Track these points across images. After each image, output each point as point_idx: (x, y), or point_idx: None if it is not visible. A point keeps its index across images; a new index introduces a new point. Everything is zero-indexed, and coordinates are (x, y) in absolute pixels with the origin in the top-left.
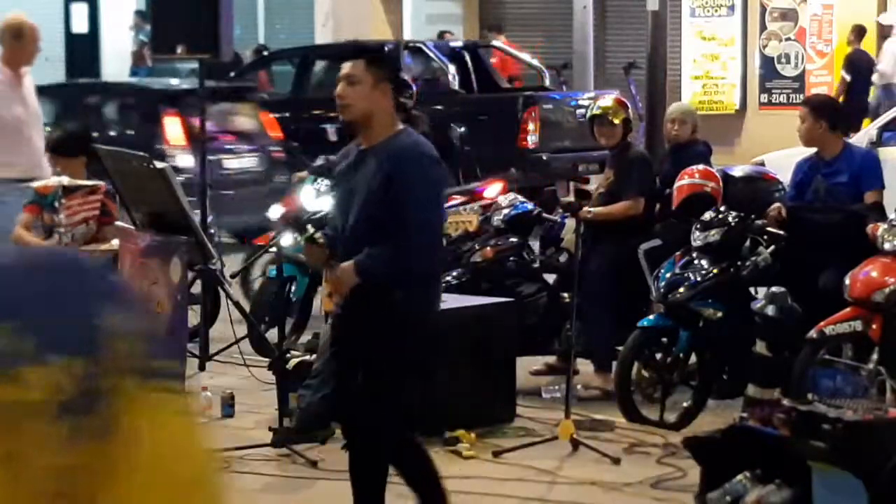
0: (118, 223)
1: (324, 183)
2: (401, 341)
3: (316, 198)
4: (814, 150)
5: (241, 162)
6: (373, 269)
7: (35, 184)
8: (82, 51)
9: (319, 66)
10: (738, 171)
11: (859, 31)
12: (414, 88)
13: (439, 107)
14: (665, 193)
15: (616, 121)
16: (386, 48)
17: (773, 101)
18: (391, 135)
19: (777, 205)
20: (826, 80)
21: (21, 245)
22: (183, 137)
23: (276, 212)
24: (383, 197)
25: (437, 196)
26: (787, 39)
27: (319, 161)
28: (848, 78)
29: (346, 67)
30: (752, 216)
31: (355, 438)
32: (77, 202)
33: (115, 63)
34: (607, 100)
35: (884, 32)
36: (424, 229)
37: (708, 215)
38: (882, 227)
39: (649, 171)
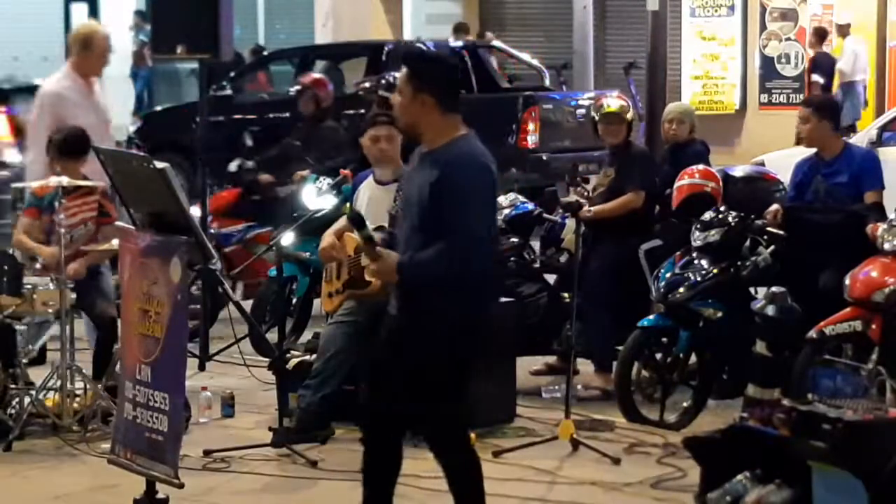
0: (118, 223)
1: (325, 182)
2: (448, 344)
3: (317, 196)
4: (814, 150)
5: None
6: (413, 271)
7: (33, 184)
8: None
9: (319, 66)
10: (738, 171)
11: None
12: None
13: None
14: (665, 193)
15: (627, 120)
16: (386, 48)
17: (773, 101)
18: (447, 141)
19: (775, 207)
20: None
21: (23, 250)
22: (9, 133)
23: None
24: (432, 203)
25: (482, 203)
26: (787, 39)
27: (233, 166)
28: (822, 80)
29: None
30: (752, 216)
31: (373, 437)
32: (76, 203)
33: (115, 63)
34: (616, 100)
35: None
36: (465, 236)
37: (708, 215)
38: (882, 227)
39: (652, 167)
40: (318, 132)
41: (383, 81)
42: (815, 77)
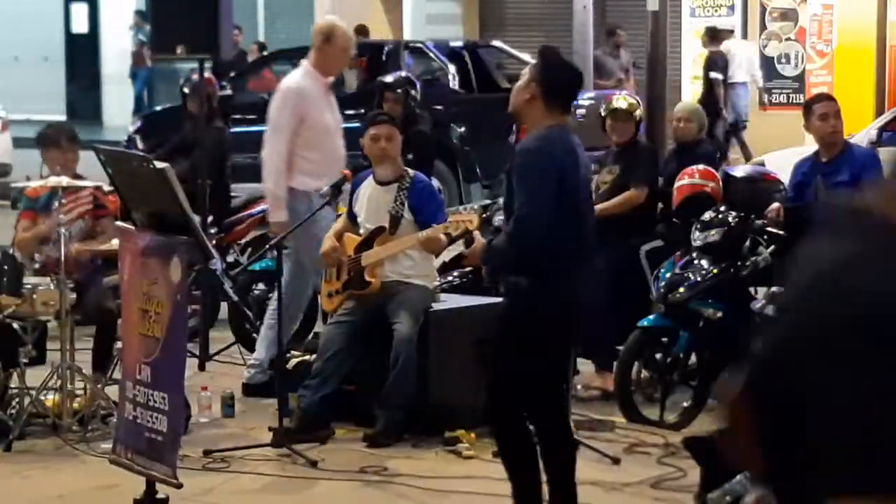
0: (118, 223)
1: None
2: (520, 329)
3: None
4: (814, 149)
5: None
6: (492, 253)
7: (33, 184)
8: (82, 51)
9: None
10: (738, 171)
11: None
12: (419, 87)
13: (439, 107)
14: (669, 193)
15: (635, 117)
16: (386, 48)
17: (773, 101)
18: (534, 132)
19: (776, 205)
20: (826, 80)
21: (25, 244)
22: None
23: None
24: (507, 192)
25: (531, 185)
26: (787, 39)
27: None
28: (720, 77)
29: None
30: (752, 216)
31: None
32: (70, 199)
33: (115, 63)
34: (627, 97)
35: (717, 37)
36: (525, 222)
37: (708, 215)
38: None
39: (656, 163)
40: (208, 132)
41: (402, 76)
42: (714, 74)
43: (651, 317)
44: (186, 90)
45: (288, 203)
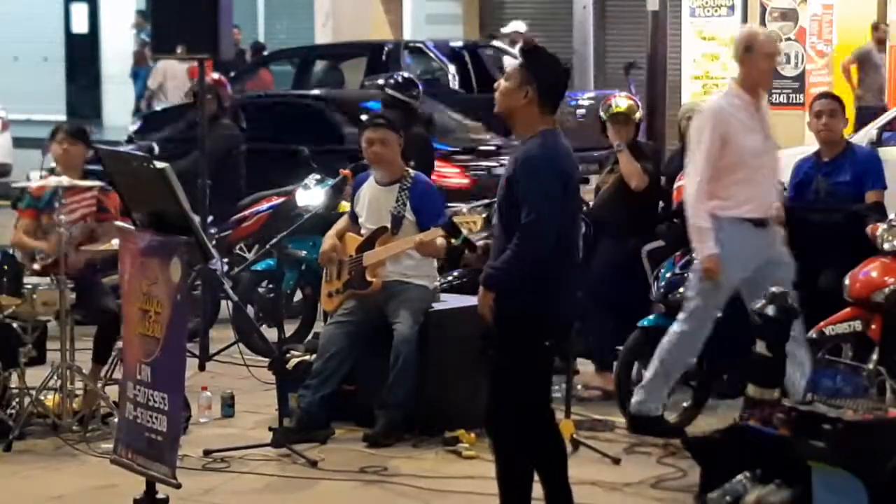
0: (118, 223)
1: (313, 178)
2: (512, 340)
3: (304, 191)
4: (814, 148)
5: None
6: (495, 278)
7: (34, 184)
8: (82, 51)
9: (319, 66)
10: None
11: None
12: (420, 87)
13: (439, 107)
14: (669, 192)
15: (635, 119)
16: (386, 48)
17: (773, 101)
18: (528, 137)
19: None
20: (826, 80)
21: (22, 248)
22: None
23: None
24: (507, 197)
25: (552, 197)
26: (787, 39)
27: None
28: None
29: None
30: None
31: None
32: (74, 199)
33: (116, 63)
34: (625, 99)
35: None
36: (535, 230)
37: None
38: (882, 227)
39: (658, 161)
40: (214, 131)
41: (391, 80)
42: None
43: (651, 317)
44: (195, 90)
45: (715, 232)
